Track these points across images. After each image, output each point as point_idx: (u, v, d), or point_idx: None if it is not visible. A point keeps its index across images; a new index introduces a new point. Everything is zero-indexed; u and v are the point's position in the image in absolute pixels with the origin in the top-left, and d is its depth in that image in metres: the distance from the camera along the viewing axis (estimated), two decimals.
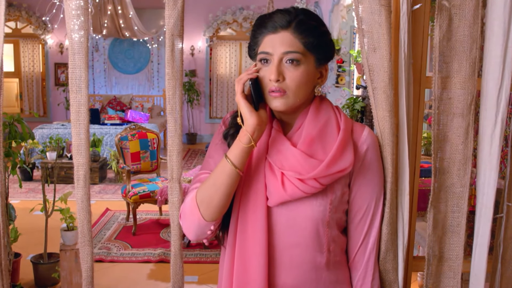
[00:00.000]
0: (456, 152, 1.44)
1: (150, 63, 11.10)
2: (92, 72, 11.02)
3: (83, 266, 1.45)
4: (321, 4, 9.19)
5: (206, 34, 10.79)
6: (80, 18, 1.29)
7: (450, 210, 1.47)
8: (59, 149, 7.16)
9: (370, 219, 1.40)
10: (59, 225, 4.87)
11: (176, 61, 1.37)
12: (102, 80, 11.10)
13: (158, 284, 4.13)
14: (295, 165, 1.32)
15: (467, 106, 1.42)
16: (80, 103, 1.35)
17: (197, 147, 10.63)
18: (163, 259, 4.53)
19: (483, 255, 1.45)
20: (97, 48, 10.90)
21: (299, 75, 1.30)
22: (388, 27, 1.34)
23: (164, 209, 5.87)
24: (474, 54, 1.39)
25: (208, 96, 11.20)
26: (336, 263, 1.41)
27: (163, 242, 5.01)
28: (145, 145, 5.71)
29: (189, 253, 4.71)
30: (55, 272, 3.78)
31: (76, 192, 1.36)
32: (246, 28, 10.81)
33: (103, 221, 5.58)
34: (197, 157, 9.55)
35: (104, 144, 7.99)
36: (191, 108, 11.00)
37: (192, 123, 11.13)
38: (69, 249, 3.73)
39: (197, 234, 1.37)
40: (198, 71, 11.03)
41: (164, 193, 4.79)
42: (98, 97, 10.74)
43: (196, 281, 4.19)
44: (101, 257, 4.53)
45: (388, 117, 1.38)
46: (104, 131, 8.21)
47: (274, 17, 1.32)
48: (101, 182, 7.36)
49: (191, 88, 10.77)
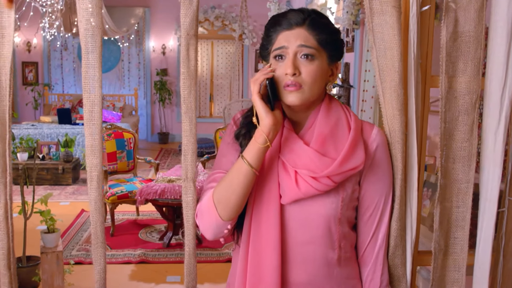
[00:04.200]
0: (461, 149, 1.49)
1: (121, 62, 10.96)
2: (61, 71, 10.80)
3: (96, 268, 1.43)
4: (293, 3, 9.26)
5: (178, 33, 10.70)
6: (93, 16, 1.27)
7: (455, 205, 1.52)
8: (30, 150, 7.00)
9: (380, 216, 1.44)
10: (35, 227, 4.79)
11: (191, 60, 1.37)
12: (71, 79, 10.89)
13: (140, 285, 4.10)
14: (308, 163, 1.34)
15: (471, 104, 1.47)
16: (94, 103, 1.33)
17: (169, 147, 10.55)
18: (143, 260, 4.49)
19: (488, 249, 1.50)
20: (66, 47, 10.69)
21: (314, 69, 1.33)
22: (399, 28, 1.37)
23: (141, 210, 5.82)
24: (478, 54, 1.44)
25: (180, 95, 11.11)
26: (347, 259, 1.44)
27: (142, 242, 4.96)
28: (122, 145, 5.65)
29: (170, 253, 4.69)
30: (35, 275, 3.69)
31: (90, 194, 1.35)
32: (218, 27, 10.79)
33: (79, 223, 5.48)
34: (170, 157, 9.48)
35: (76, 144, 7.85)
36: (162, 107, 10.91)
37: (164, 122, 11.04)
38: (50, 252, 3.66)
39: (214, 233, 1.39)
40: (169, 70, 10.94)
41: (143, 193, 4.74)
42: (68, 97, 10.52)
43: (179, 281, 4.17)
44: (81, 259, 4.45)
45: (398, 116, 1.42)
46: (76, 131, 8.06)
47: (288, 15, 1.36)
48: (74, 183, 7.23)
49: (162, 87, 10.68)
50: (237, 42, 10.49)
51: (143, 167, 8.06)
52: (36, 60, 10.76)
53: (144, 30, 10.85)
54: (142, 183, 5.34)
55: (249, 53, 10.95)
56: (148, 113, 11.06)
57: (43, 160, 7.12)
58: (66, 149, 7.14)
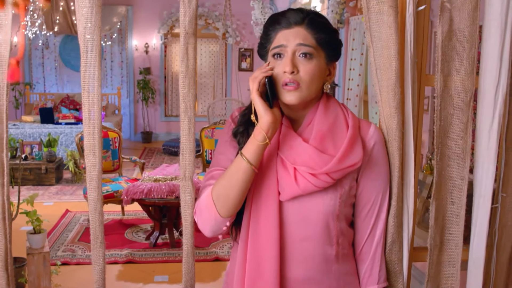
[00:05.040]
0: (456, 147, 1.51)
1: (103, 61, 10.85)
2: (43, 70, 10.65)
3: (95, 268, 1.42)
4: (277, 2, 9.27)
5: (161, 31, 10.64)
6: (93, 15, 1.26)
7: (449, 202, 1.55)
8: (13, 150, 6.90)
9: (377, 212, 1.46)
10: (19, 228, 4.72)
11: (190, 59, 1.37)
12: (53, 78, 10.75)
13: (128, 285, 4.08)
14: (307, 160, 1.35)
15: (466, 102, 1.49)
16: (93, 102, 1.32)
17: (153, 146, 10.48)
18: (130, 260, 4.46)
19: (482, 244, 1.53)
20: (47, 45, 10.54)
21: (312, 68, 1.34)
22: (396, 28, 1.39)
23: (126, 209, 5.78)
24: (473, 53, 1.47)
25: (163, 94, 11.06)
26: (344, 255, 1.46)
27: (128, 242, 4.93)
28: (107, 145, 5.60)
29: (157, 253, 4.67)
30: (21, 277, 3.65)
31: (89, 194, 1.34)
32: (201, 25, 10.74)
33: (64, 223, 5.43)
34: (154, 156, 9.43)
35: (59, 144, 7.76)
36: (146, 106, 10.84)
37: (148, 121, 10.97)
38: (37, 253, 3.61)
39: (213, 230, 1.39)
40: (152, 68, 10.87)
41: (130, 192, 4.71)
42: (50, 96, 10.38)
43: (167, 280, 4.16)
44: (67, 259, 4.41)
45: (395, 114, 1.44)
46: (59, 131, 7.97)
47: (287, 14, 1.38)
48: (57, 183, 7.15)
49: (145, 86, 10.61)
50: (220, 41, 10.47)
51: (127, 166, 8.00)
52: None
53: (126, 28, 10.76)
54: (127, 182, 5.31)
55: (233, 52, 10.93)
56: (131, 112, 10.97)
57: (26, 160, 7.02)
58: (49, 149, 7.06)
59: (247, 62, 10.98)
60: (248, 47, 10.89)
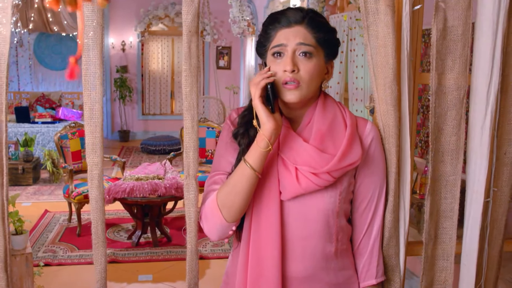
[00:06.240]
0: (450, 143, 1.55)
1: (80, 59, 10.69)
2: (17, 68, 10.44)
3: (97, 267, 1.42)
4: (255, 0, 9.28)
5: (138, 29, 10.54)
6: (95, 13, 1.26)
7: (443, 196, 1.59)
8: None
9: (374, 208, 1.49)
10: None
11: (193, 57, 1.37)
12: (27, 76, 10.55)
13: (111, 285, 4.04)
14: (308, 160, 1.37)
15: (459, 100, 1.53)
16: (95, 101, 1.32)
17: (131, 145, 10.39)
18: (113, 260, 4.43)
19: (475, 238, 1.58)
20: (21, 43, 10.34)
21: (312, 67, 1.36)
22: (393, 26, 1.42)
23: (107, 209, 5.70)
24: (466, 52, 1.51)
25: (141, 93, 10.97)
26: (343, 251, 1.49)
27: (110, 242, 4.88)
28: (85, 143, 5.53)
29: (140, 252, 4.64)
30: None
31: (90, 192, 1.33)
32: (178, 23, 10.67)
33: (43, 223, 5.35)
34: (132, 155, 9.35)
35: (36, 143, 7.63)
36: (123, 105, 10.73)
37: (125, 120, 10.86)
38: (19, 254, 3.56)
39: (219, 235, 1.42)
40: (129, 66, 10.76)
41: (112, 191, 4.67)
42: (25, 95, 10.19)
43: (151, 279, 4.14)
44: (48, 260, 4.35)
45: (392, 111, 1.47)
46: (36, 130, 7.83)
47: (287, 13, 1.39)
48: (35, 183, 7.03)
49: (123, 85, 10.49)
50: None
51: (106, 165, 7.91)
52: None
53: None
54: (108, 182, 5.26)
55: (210, 50, 10.90)
56: (108, 111, 10.84)
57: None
58: (26, 149, 6.92)
59: (225, 60, 10.96)
60: (226, 45, 10.87)
